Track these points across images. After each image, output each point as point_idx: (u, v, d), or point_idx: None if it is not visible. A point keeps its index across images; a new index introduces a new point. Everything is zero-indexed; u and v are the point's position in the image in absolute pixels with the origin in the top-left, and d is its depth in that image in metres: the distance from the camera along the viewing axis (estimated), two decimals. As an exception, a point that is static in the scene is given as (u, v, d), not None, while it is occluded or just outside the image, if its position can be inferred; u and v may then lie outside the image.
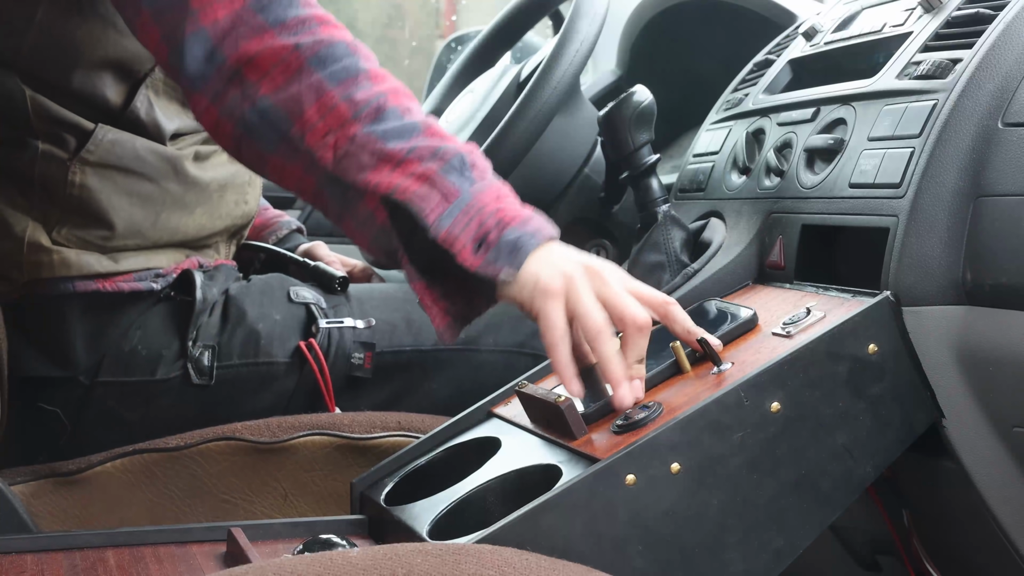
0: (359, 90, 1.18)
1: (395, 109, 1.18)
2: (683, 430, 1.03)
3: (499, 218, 1.14)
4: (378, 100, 1.18)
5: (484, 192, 1.15)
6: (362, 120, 1.17)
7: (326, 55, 1.18)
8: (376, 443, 1.45)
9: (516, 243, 1.13)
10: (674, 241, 1.43)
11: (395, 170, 1.15)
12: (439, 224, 1.13)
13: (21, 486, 1.40)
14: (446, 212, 1.14)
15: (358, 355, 1.57)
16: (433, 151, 1.16)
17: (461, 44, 2.68)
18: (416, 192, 1.14)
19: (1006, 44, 1.15)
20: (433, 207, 1.14)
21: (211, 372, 1.52)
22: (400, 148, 1.16)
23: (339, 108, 1.17)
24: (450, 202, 1.14)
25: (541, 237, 1.14)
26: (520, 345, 1.64)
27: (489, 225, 1.14)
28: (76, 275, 1.46)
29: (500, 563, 0.88)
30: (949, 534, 1.24)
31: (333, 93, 1.17)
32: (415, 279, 1.18)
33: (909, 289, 1.12)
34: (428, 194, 1.14)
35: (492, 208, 1.15)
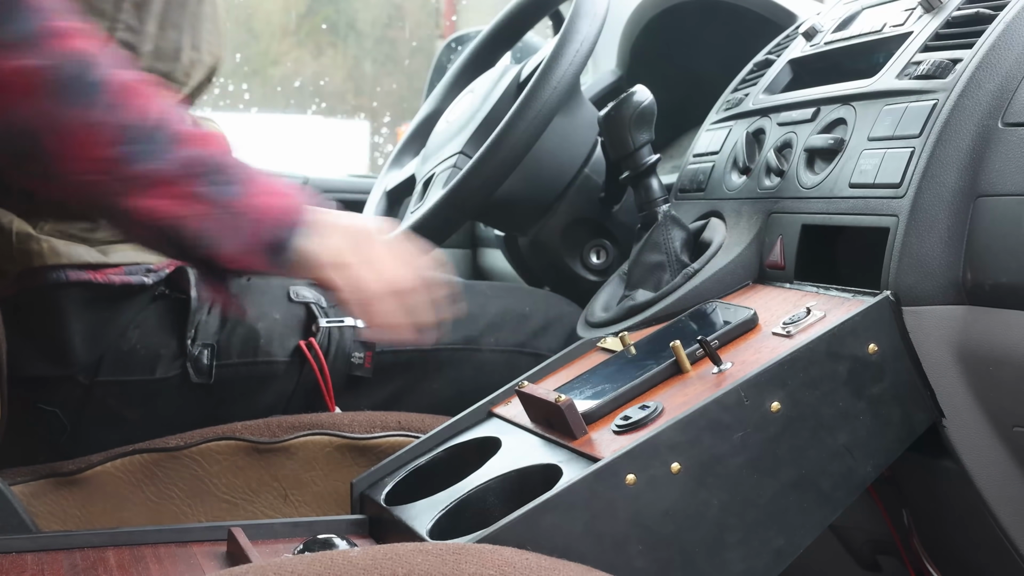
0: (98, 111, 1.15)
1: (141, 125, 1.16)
2: (683, 430, 1.03)
3: (266, 218, 1.19)
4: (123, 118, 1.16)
5: (247, 196, 1.19)
6: (116, 144, 1.15)
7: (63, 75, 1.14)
8: (376, 443, 1.45)
9: (281, 245, 1.20)
10: (674, 241, 1.43)
11: (161, 192, 1.16)
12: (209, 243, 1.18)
13: (21, 486, 1.40)
14: (216, 229, 1.18)
15: (358, 354, 1.57)
16: (192, 163, 1.17)
17: (461, 44, 2.68)
18: (183, 214, 1.17)
19: (1006, 44, 1.15)
20: (201, 227, 1.17)
21: (210, 371, 1.52)
22: (160, 167, 1.16)
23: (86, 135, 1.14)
24: (217, 218, 1.18)
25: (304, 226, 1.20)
26: (521, 345, 1.64)
27: (252, 232, 1.19)
28: (67, 263, 1.45)
29: (500, 563, 0.88)
30: (949, 534, 1.24)
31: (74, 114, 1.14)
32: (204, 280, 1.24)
33: (909, 289, 1.12)
34: (194, 213, 1.17)
35: (256, 211, 1.19)
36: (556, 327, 1.66)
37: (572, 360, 1.35)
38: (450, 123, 1.86)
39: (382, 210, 1.94)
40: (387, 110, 6.51)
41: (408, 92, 6.41)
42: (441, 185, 1.72)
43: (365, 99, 6.74)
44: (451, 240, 2.10)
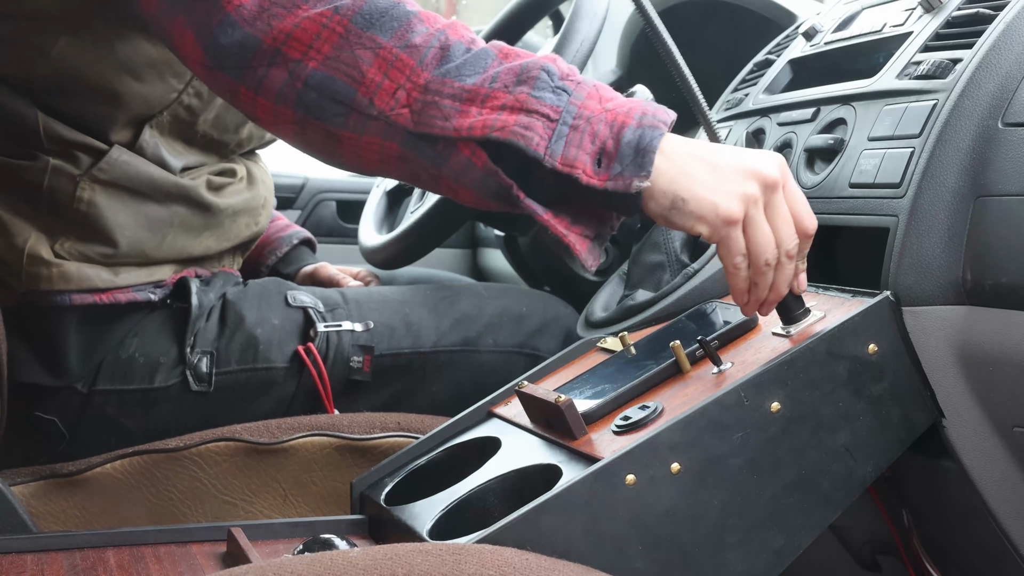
0: (415, 35, 1.08)
1: (459, 43, 1.08)
2: (683, 430, 1.03)
3: (611, 122, 1.05)
4: (439, 39, 1.08)
5: (585, 99, 1.06)
6: (428, 65, 1.07)
7: (370, 10, 1.08)
8: (376, 444, 1.45)
9: (638, 145, 1.04)
10: (674, 241, 1.43)
11: (483, 107, 1.05)
12: (552, 151, 1.04)
13: (21, 487, 1.40)
14: (554, 136, 1.04)
15: (357, 358, 1.57)
16: (516, 73, 1.06)
17: (461, 44, 2.67)
18: (516, 124, 1.04)
19: (1006, 44, 1.15)
20: (539, 135, 1.04)
21: (210, 378, 1.52)
22: (480, 81, 1.06)
23: (401, 59, 1.07)
24: (555, 124, 1.04)
25: (660, 127, 1.05)
26: (520, 345, 1.64)
27: (604, 134, 1.05)
28: (75, 288, 1.45)
29: (500, 563, 0.88)
30: (949, 534, 1.24)
31: (389, 45, 1.07)
32: (540, 212, 1.07)
33: (909, 289, 1.12)
34: (529, 123, 1.04)
35: (600, 114, 1.05)
36: (553, 327, 1.66)
37: (572, 360, 1.35)
38: (450, 123, 1.86)
39: (382, 210, 1.94)
40: (387, 110, 6.51)
41: (408, 92, 6.41)
42: (441, 185, 1.72)
43: (365, 99, 6.74)
44: (451, 240, 2.11)
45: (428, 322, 1.61)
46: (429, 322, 1.61)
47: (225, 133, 1.52)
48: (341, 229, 2.48)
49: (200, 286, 1.54)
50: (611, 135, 1.04)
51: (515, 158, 1.05)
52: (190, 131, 1.49)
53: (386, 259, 1.77)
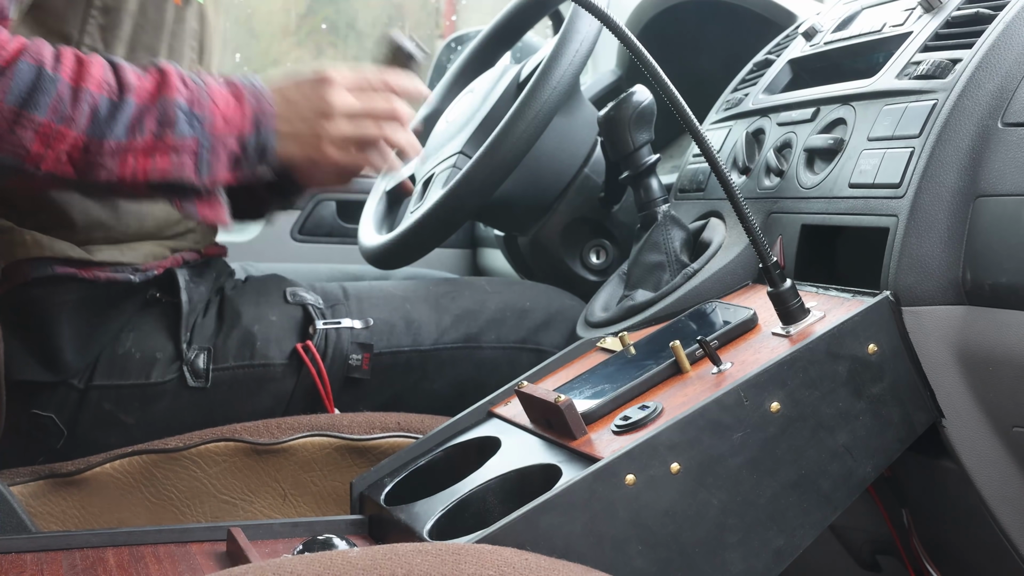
0: (65, 104, 1.21)
1: (103, 99, 1.23)
2: (683, 430, 1.03)
3: (237, 135, 1.29)
4: (87, 101, 1.22)
5: (214, 121, 1.28)
6: (84, 129, 1.22)
7: (19, 88, 1.20)
8: (375, 444, 1.45)
9: (260, 146, 1.30)
10: (674, 241, 1.43)
11: (137, 155, 1.25)
12: (201, 176, 1.27)
13: (21, 487, 1.40)
14: (200, 163, 1.27)
15: (356, 356, 1.57)
16: (157, 118, 1.25)
17: (461, 44, 2.68)
18: (169, 165, 1.25)
19: (1006, 44, 1.15)
20: (189, 169, 1.26)
21: (207, 375, 1.51)
22: (129, 134, 1.24)
23: (60, 132, 1.22)
24: (197, 154, 1.27)
25: (271, 120, 1.31)
26: (522, 341, 1.63)
27: (232, 145, 1.29)
28: (50, 256, 1.45)
29: (500, 563, 0.88)
30: (949, 534, 1.24)
31: (47, 121, 1.21)
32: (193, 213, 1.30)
33: (909, 289, 1.12)
34: (180, 161, 1.26)
35: (225, 131, 1.28)
36: (558, 321, 1.66)
37: (572, 360, 1.35)
38: (450, 123, 1.86)
39: (382, 210, 1.94)
40: (387, 110, 6.51)
41: (408, 92, 6.41)
42: (441, 185, 1.72)
43: (365, 99, 6.73)
44: (451, 240, 2.10)
45: (429, 319, 1.61)
46: (430, 319, 1.61)
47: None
48: (341, 229, 2.48)
49: (190, 278, 1.54)
50: (237, 145, 1.30)
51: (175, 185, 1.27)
52: None
53: (386, 259, 1.77)
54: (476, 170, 1.60)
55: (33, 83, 1.20)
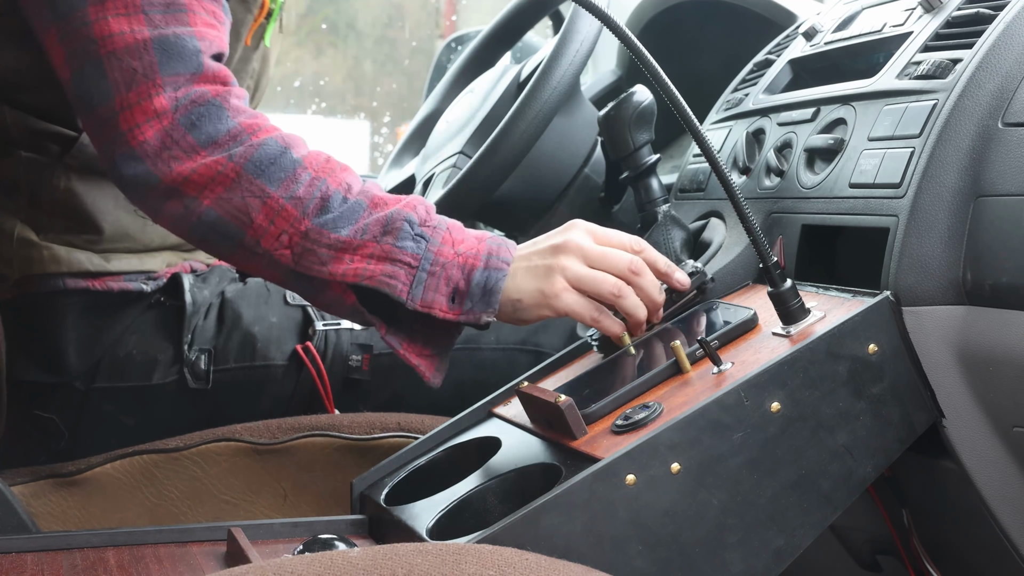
0: (299, 186, 1.21)
1: (337, 193, 1.22)
2: (683, 430, 1.03)
3: (462, 265, 1.22)
4: (320, 190, 1.21)
5: (441, 246, 1.22)
6: (310, 215, 1.21)
7: (260, 158, 1.21)
8: (376, 444, 1.45)
9: (486, 285, 1.21)
10: (674, 241, 1.43)
11: (355, 255, 1.21)
12: (413, 295, 1.21)
13: (21, 487, 1.40)
14: (415, 282, 1.21)
15: (356, 357, 1.57)
16: (383, 225, 1.21)
17: (461, 44, 2.68)
18: (382, 273, 1.20)
19: (1006, 44, 1.15)
20: (402, 282, 1.20)
21: (208, 376, 1.52)
22: (353, 233, 1.21)
23: (286, 209, 1.21)
24: (415, 271, 1.21)
25: (504, 267, 1.22)
26: (522, 342, 1.63)
27: (456, 277, 1.21)
28: (66, 271, 1.45)
29: (500, 563, 0.88)
30: (949, 534, 1.24)
31: (276, 196, 1.21)
32: (397, 348, 1.25)
33: (909, 289, 1.12)
34: (393, 271, 1.20)
35: (453, 259, 1.22)
36: (556, 323, 1.66)
37: (572, 360, 1.35)
38: (450, 123, 1.86)
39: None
40: (387, 110, 6.51)
41: (408, 92, 6.41)
42: (441, 185, 1.72)
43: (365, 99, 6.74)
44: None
45: None
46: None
47: None
48: None
49: (195, 282, 1.54)
50: (462, 277, 1.22)
51: (382, 295, 1.22)
52: None
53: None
54: (476, 170, 1.60)
55: (275, 158, 1.21)
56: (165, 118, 1.21)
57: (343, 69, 6.96)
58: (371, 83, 6.86)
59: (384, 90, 6.82)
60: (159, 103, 1.21)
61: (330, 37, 6.92)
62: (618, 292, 1.22)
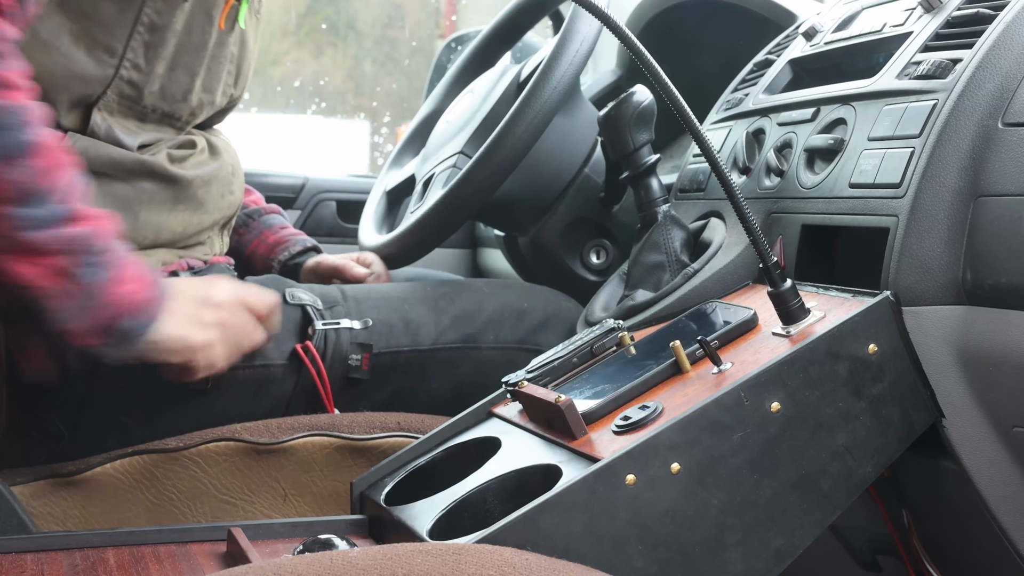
0: (15, 169, 1.22)
1: (46, 193, 1.23)
2: (683, 430, 1.03)
3: (122, 306, 1.28)
4: (32, 182, 1.22)
5: (113, 283, 1.27)
6: (10, 201, 1.22)
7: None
8: (376, 444, 1.45)
9: (128, 333, 1.29)
10: (674, 241, 1.43)
11: (39, 263, 1.24)
12: (60, 319, 1.26)
13: (21, 487, 1.40)
14: (73, 308, 1.25)
15: (355, 356, 1.57)
16: (78, 242, 1.24)
17: (461, 44, 2.68)
18: (50, 289, 1.24)
19: (1006, 44, 1.15)
20: (60, 304, 1.25)
21: (207, 376, 1.51)
22: (46, 239, 1.23)
23: None
24: (78, 300, 1.25)
25: (150, 320, 1.30)
26: (521, 341, 1.63)
27: (103, 317, 1.27)
28: None
29: (500, 563, 0.88)
30: (949, 534, 1.24)
31: None
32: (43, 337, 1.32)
33: (909, 289, 1.12)
34: (60, 291, 1.25)
35: (116, 300, 1.27)
36: (555, 322, 1.66)
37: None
38: (450, 123, 1.86)
39: (382, 210, 1.94)
40: (387, 110, 6.51)
41: (408, 92, 6.41)
42: (441, 185, 1.72)
43: (365, 99, 6.74)
44: (451, 240, 2.10)
45: (428, 319, 1.61)
46: (429, 319, 1.61)
47: (174, 104, 1.52)
48: (341, 229, 2.48)
49: None
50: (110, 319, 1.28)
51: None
52: (139, 106, 1.49)
53: (386, 259, 1.77)
54: (476, 170, 1.60)
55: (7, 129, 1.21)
56: None
57: (343, 69, 6.96)
58: (371, 83, 6.86)
59: (384, 90, 6.82)
60: None
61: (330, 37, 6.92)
62: None
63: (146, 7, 1.45)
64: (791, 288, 1.15)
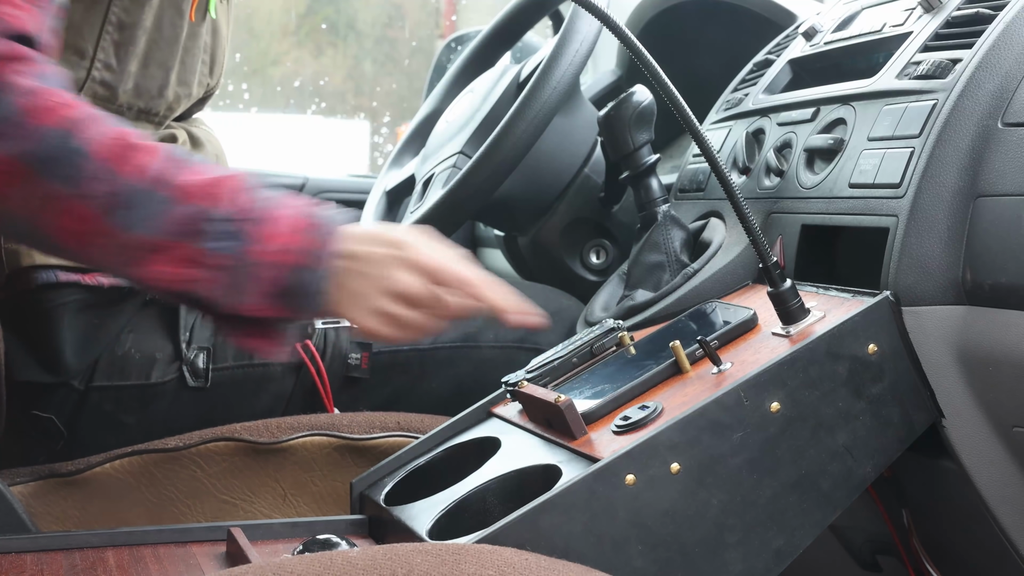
0: (84, 180, 1.08)
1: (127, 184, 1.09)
2: (683, 430, 1.03)
3: (275, 263, 1.11)
4: (108, 182, 1.09)
5: (251, 244, 1.11)
6: (101, 213, 1.09)
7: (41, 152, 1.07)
8: (375, 443, 1.45)
9: (304, 288, 1.11)
10: (674, 241, 1.43)
11: (157, 257, 1.10)
12: (223, 300, 1.11)
13: (21, 487, 1.40)
14: (222, 286, 1.10)
15: (355, 355, 1.57)
16: (184, 223, 1.10)
17: (461, 44, 2.68)
18: (186, 278, 1.10)
19: (1006, 44, 1.15)
20: (208, 287, 1.10)
21: (206, 375, 1.52)
22: (150, 232, 1.09)
23: (76, 208, 1.08)
24: (221, 274, 1.10)
25: (325, 268, 1.12)
26: (521, 340, 1.63)
27: (268, 277, 1.11)
28: (56, 264, 1.44)
29: (500, 563, 0.88)
30: (949, 534, 1.24)
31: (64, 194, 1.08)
32: (228, 334, 1.16)
33: (909, 289, 1.12)
34: (198, 276, 1.10)
35: (263, 258, 1.11)
36: (555, 322, 1.66)
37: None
38: (450, 123, 1.86)
39: (382, 210, 1.94)
40: (387, 110, 6.51)
41: (408, 92, 6.41)
42: (441, 185, 1.72)
43: (365, 99, 6.74)
44: (451, 240, 2.10)
45: None
46: None
47: (150, 100, 1.50)
48: None
49: None
50: (276, 276, 1.11)
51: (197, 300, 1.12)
52: (114, 106, 1.47)
53: (386, 259, 1.77)
54: (476, 170, 1.60)
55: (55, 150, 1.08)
56: None
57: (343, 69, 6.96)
58: (371, 83, 6.86)
59: (384, 90, 6.82)
60: None
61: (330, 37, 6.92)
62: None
63: (113, 6, 1.43)
64: (791, 288, 1.14)
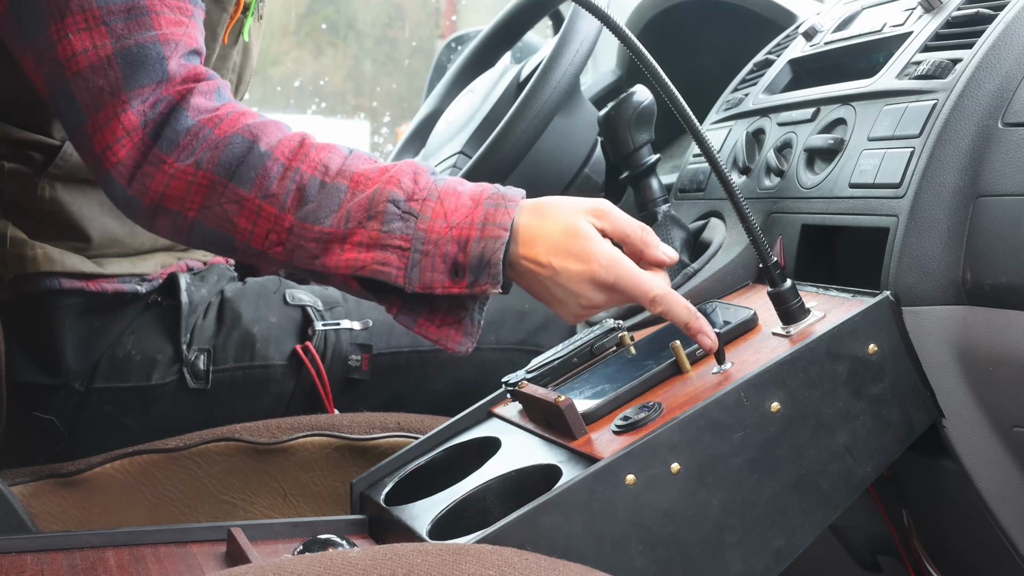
0: (272, 181, 1.17)
1: (314, 180, 1.17)
2: (683, 430, 1.03)
3: (457, 238, 1.14)
4: (295, 180, 1.17)
5: (432, 221, 1.15)
6: (289, 209, 1.17)
7: (227, 159, 1.17)
8: (375, 444, 1.45)
9: (482, 256, 1.14)
10: (674, 241, 1.43)
11: (344, 245, 1.16)
12: (410, 279, 1.15)
13: (21, 487, 1.40)
14: (409, 264, 1.15)
15: (355, 357, 1.57)
16: (367, 209, 1.15)
17: (461, 44, 2.68)
18: (374, 262, 1.15)
19: (1006, 44, 1.15)
20: (396, 268, 1.15)
21: (207, 376, 1.51)
22: (336, 222, 1.16)
23: (264, 209, 1.17)
24: (407, 254, 1.14)
25: (502, 235, 1.14)
26: (522, 342, 1.64)
27: (452, 252, 1.14)
28: (60, 271, 1.45)
29: (500, 563, 0.88)
30: (949, 534, 1.24)
31: (251, 196, 1.17)
32: (412, 325, 1.19)
33: (909, 289, 1.12)
34: (385, 257, 1.15)
35: (446, 233, 1.15)
36: (556, 323, 1.66)
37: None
38: (450, 123, 1.86)
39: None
40: (387, 110, 6.51)
41: (408, 92, 6.41)
42: (441, 185, 1.72)
43: (365, 99, 6.74)
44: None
45: None
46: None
47: None
48: None
49: (192, 281, 1.54)
50: (459, 250, 1.14)
51: (383, 284, 1.17)
52: None
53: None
54: (476, 170, 1.60)
55: (242, 156, 1.17)
56: (135, 135, 1.18)
57: (343, 69, 6.96)
58: (371, 83, 6.86)
59: (384, 90, 6.82)
60: (127, 120, 1.18)
61: (330, 37, 6.92)
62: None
63: None
64: (791, 288, 1.14)
